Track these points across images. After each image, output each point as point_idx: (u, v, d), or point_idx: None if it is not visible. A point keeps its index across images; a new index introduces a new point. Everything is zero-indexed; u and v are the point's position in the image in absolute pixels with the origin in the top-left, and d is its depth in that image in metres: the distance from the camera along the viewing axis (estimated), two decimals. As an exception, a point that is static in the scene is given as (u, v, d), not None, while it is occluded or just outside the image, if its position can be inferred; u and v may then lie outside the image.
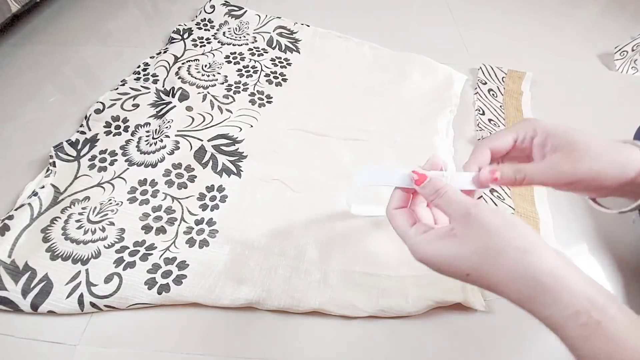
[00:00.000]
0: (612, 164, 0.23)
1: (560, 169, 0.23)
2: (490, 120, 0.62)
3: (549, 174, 0.24)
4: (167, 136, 0.57)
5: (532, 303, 0.19)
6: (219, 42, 0.76)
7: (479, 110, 0.64)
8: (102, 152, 0.55)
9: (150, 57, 0.72)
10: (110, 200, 0.50)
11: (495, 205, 0.49)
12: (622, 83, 0.73)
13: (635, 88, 0.72)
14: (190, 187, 0.52)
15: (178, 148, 0.56)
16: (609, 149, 0.24)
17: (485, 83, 0.69)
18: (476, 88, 0.68)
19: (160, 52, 0.73)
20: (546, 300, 0.19)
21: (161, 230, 0.47)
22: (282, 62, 0.73)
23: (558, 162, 0.24)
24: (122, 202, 0.49)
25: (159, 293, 0.41)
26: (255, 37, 0.77)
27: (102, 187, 0.51)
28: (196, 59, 0.71)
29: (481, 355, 0.40)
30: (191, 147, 0.56)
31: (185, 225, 0.48)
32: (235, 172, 0.54)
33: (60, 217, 0.47)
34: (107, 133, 0.58)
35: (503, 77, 0.69)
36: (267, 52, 0.74)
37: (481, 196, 0.50)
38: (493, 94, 0.67)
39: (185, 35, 0.76)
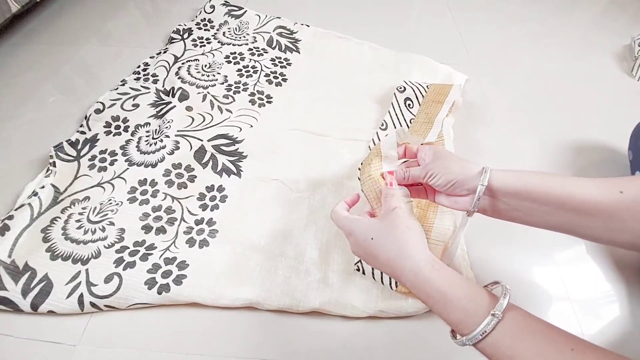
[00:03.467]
0: (456, 167, 0.35)
1: (426, 167, 0.36)
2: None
3: (419, 171, 0.37)
4: (167, 136, 0.57)
5: (403, 258, 0.30)
6: (218, 42, 0.76)
7: (382, 125, 0.59)
8: (102, 152, 0.55)
9: (150, 57, 0.72)
10: (110, 200, 0.50)
11: None
12: (621, 83, 0.73)
13: (635, 88, 0.72)
14: (190, 187, 0.52)
15: (178, 148, 0.56)
16: (460, 159, 0.35)
17: (404, 90, 0.63)
18: (394, 94, 0.63)
19: (160, 52, 0.73)
20: (412, 254, 0.30)
21: (161, 230, 0.47)
22: (282, 62, 0.73)
23: (427, 165, 0.36)
24: (122, 202, 0.49)
25: (159, 293, 0.41)
26: (255, 37, 0.77)
27: (102, 187, 0.51)
28: (196, 59, 0.71)
29: (480, 355, 0.40)
30: (191, 147, 0.56)
31: (185, 225, 0.48)
32: (235, 172, 0.54)
33: (60, 217, 0.47)
34: (107, 133, 0.58)
35: (427, 86, 0.63)
36: (267, 52, 0.75)
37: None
38: (409, 104, 0.61)
39: (185, 35, 0.76)
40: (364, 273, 0.43)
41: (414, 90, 0.62)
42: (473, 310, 0.27)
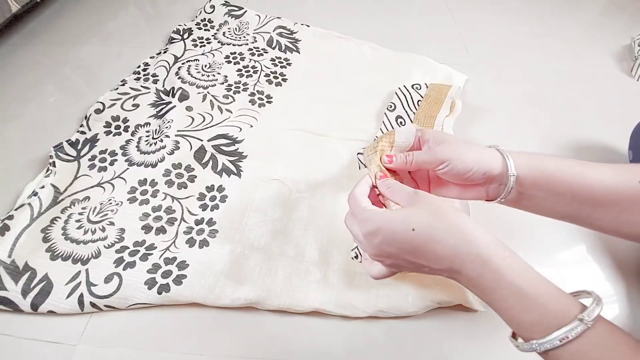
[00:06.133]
0: (471, 152, 0.30)
1: (434, 152, 0.32)
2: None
3: (427, 156, 0.32)
4: (167, 136, 0.57)
5: (465, 244, 0.25)
6: (219, 42, 0.76)
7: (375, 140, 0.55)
8: (102, 152, 0.55)
9: (150, 57, 0.72)
10: (110, 200, 0.50)
11: None
12: (621, 83, 0.73)
13: (635, 88, 0.72)
14: (190, 187, 0.52)
15: (178, 148, 0.56)
16: (468, 144, 0.32)
17: (394, 109, 0.61)
18: (384, 114, 0.61)
19: (160, 52, 0.73)
20: (473, 239, 0.25)
21: (161, 230, 0.47)
22: (282, 62, 0.73)
23: (434, 149, 0.32)
24: (122, 202, 0.49)
25: (159, 293, 0.41)
26: (255, 37, 0.78)
27: (102, 187, 0.51)
28: (196, 59, 0.71)
29: (481, 355, 0.40)
30: (191, 147, 0.56)
31: (185, 225, 0.48)
32: (235, 172, 0.54)
33: (60, 217, 0.47)
34: (107, 133, 0.58)
35: (419, 101, 0.61)
36: (267, 52, 0.75)
37: None
38: (401, 122, 0.59)
39: (185, 36, 0.76)
40: (361, 262, 0.43)
41: (404, 107, 0.61)
42: (555, 310, 0.23)
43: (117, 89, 0.64)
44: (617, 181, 0.28)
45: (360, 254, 0.43)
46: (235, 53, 0.73)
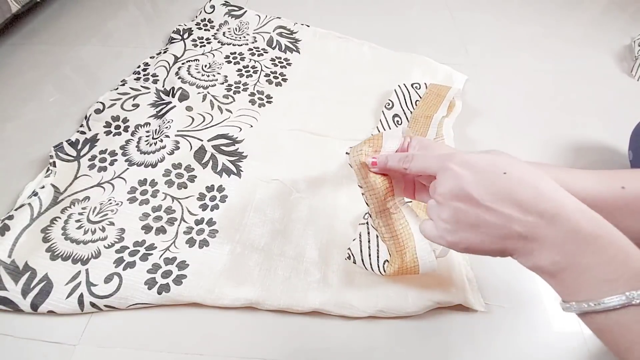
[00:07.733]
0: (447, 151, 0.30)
1: (407, 153, 0.32)
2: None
3: (400, 156, 0.32)
4: (167, 136, 0.57)
5: (558, 190, 0.24)
6: (219, 42, 0.76)
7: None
8: (102, 152, 0.55)
9: (150, 57, 0.72)
10: (110, 200, 0.50)
11: None
12: (621, 83, 0.73)
13: (635, 88, 0.72)
14: (190, 187, 0.52)
15: (178, 148, 0.56)
16: (446, 147, 0.32)
17: (392, 107, 0.61)
18: (382, 112, 0.61)
19: (160, 52, 0.73)
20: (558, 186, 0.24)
21: (161, 230, 0.47)
22: (282, 62, 0.73)
23: (409, 152, 0.32)
24: (122, 202, 0.49)
25: (159, 293, 0.41)
26: (255, 37, 0.78)
27: (102, 187, 0.51)
28: (196, 59, 0.71)
29: (480, 355, 0.40)
30: (191, 147, 0.56)
31: (185, 225, 0.48)
32: (235, 172, 0.54)
33: (60, 217, 0.47)
34: (107, 133, 0.58)
35: (417, 101, 0.62)
36: (267, 52, 0.75)
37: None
38: (398, 121, 0.60)
39: (185, 36, 0.76)
40: (354, 262, 0.43)
41: (401, 106, 0.61)
42: (634, 253, 0.21)
43: (117, 89, 0.64)
44: (601, 187, 0.28)
45: (353, 254, 0.43)
46: (235, 53, 0.73)
